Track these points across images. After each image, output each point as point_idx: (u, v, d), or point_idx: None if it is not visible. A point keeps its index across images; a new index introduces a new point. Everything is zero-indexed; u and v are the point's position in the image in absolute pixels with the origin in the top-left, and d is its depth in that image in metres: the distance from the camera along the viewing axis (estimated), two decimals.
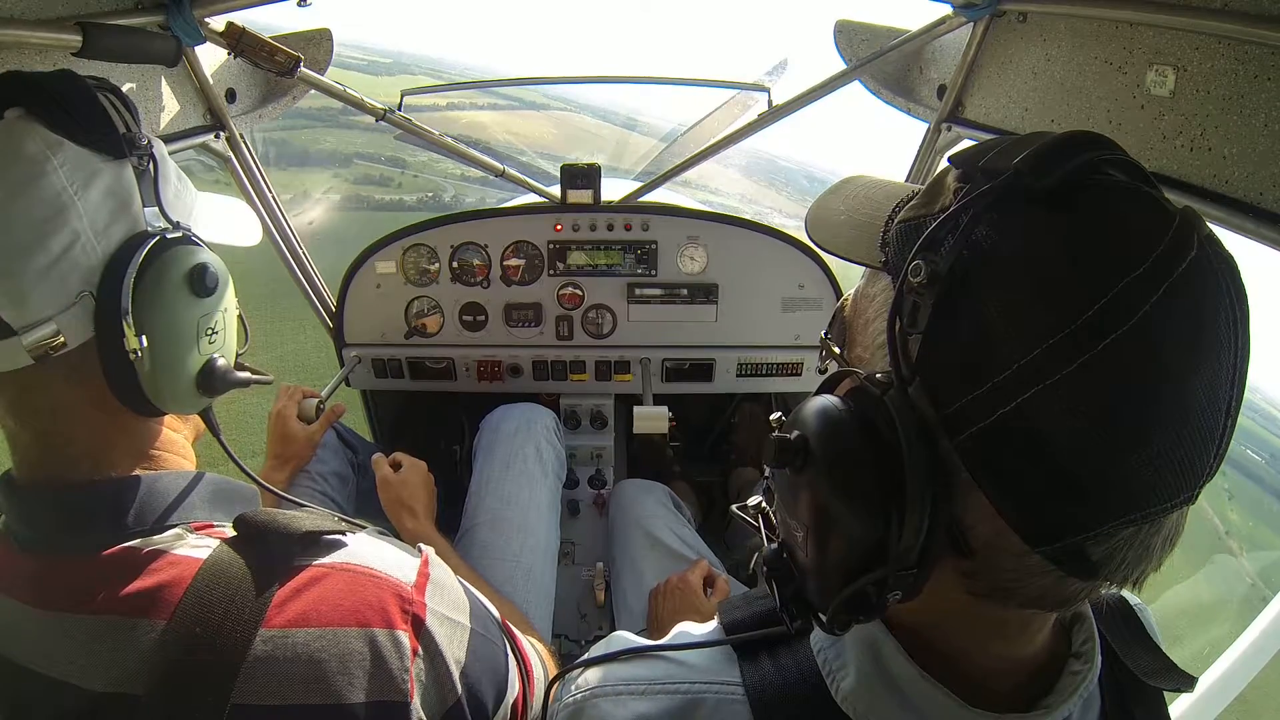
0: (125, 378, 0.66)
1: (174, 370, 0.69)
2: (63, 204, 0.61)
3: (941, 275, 0.40)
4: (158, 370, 0.67)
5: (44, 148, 0.61)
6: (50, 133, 0.61)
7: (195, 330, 0.71)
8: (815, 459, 0.44)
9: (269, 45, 1.21)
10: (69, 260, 0.61)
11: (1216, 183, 0.92)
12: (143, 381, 0.66)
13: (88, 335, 0.64)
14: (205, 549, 0.65)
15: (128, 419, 0.69)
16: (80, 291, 0.62)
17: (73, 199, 0.62)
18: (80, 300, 0.62)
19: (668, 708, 0.59)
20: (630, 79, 2.25)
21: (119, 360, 0.65)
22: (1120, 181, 0.40)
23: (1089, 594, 0.44)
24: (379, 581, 0.67)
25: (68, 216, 0.61)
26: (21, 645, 0.63)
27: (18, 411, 0.66)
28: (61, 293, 0.61)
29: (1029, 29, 1.23)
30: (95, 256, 0.63)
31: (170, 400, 0.69)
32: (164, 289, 0.66)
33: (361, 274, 1.87)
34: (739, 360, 1.97)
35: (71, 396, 0.65)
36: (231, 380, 0.76)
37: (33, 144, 0.60)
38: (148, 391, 0.67)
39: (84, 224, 0.62)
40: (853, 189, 0.58)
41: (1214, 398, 0.37)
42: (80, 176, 0.62)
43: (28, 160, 0.60)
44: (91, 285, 0.63)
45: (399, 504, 1.39)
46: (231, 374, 0.76)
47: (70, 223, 0.61)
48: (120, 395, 0.67)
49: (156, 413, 0.70)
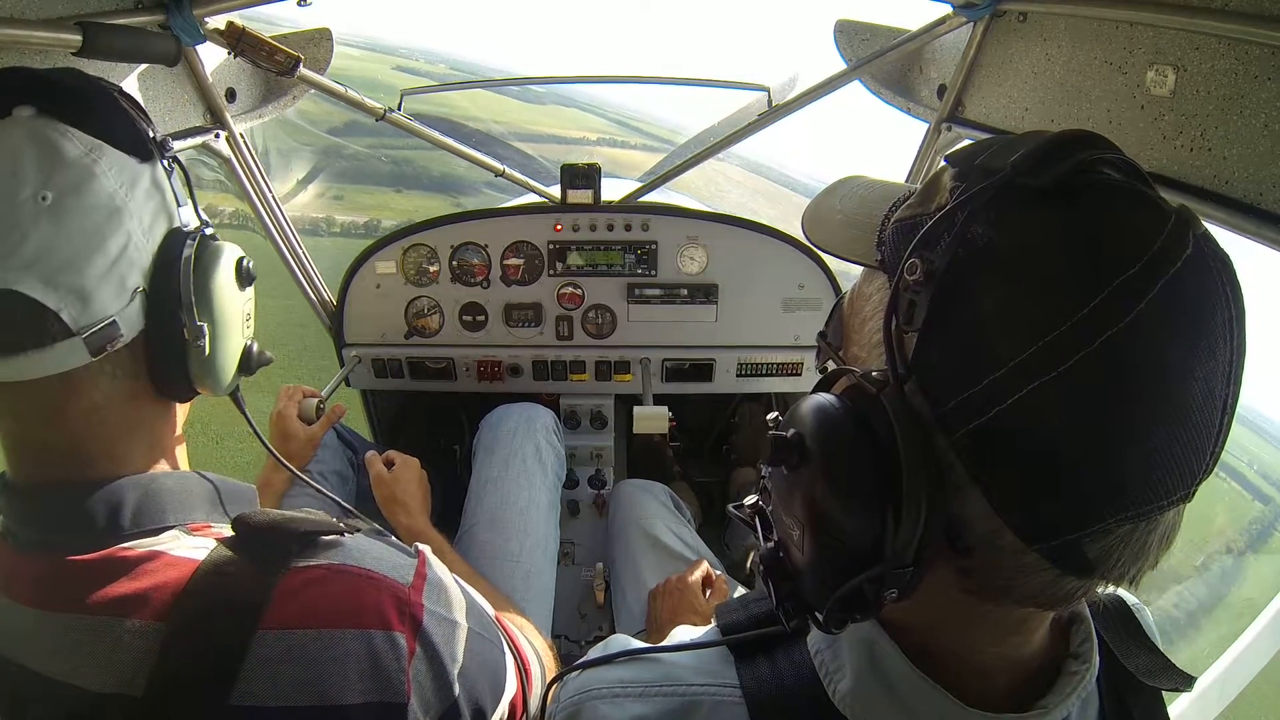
0: (172, 365, 0.69)
1: (226, 354, 0.75)
2: (116, 206, 0.63)
3: (937, 273, 0.40)
4: (214, 355, 0.72)
5: (86, 150, 0.61)
6: (86, 135, 0.62)
7: (241, 318, 0.77)
8: (811, 457, 0.44)
9: (269, 45, 1.21)
10: (126, 260, 0.64)
11: (1216, 183, 0.92)
12: (192, 367, 0.70)
13: (138, 329, 0.66)
14: (202, 550, 0.66)
15: (151, 412, 0.71)
16: (136, 288, 0.65)
17: (125, 200, 0.64)
18: (135, 296, 0.65)
19: (665, 709, 0.59)
20: (630, 79, 2.26)
21: (170, 349, 0.68)
22: (1116, 180, 0.40)
23: (1086, 592, 0.44)
24: (376, 583, 0.67)
25: (122, 218, 0.63)
26: (22, 646, 0.63)
27: (55, 414, 0.64)
28: (121, 291, 0.63)
29: (1029, 29, 1.23)
30: (146, 254, 0.66)
31: (216, 382, 0.74)
32: (219, 281, 0.71)
33: (361, 274, 1.87)
34: (739, 360, 1.97)
35: (112, 391, 0.66)
36: (261, 360, 0.83)
37: (72, 146, 0.61)
38: (195, 376, 0.71)
39: (135, 224, 0.64)
40: (850, 188, 0.58)
41: (1210, 395, 0.38)
42: (127, 178, 0.64)
43: (74, 163, 0.61)
44: (144, 281, 0.66)
45: (393, 501, 1.39)
46: (262, 355, 0.83)
47: (124, 223, 0.63)
48: (161, 382, 0.70)
49: (190, 397, 0.75)
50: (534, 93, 19.85)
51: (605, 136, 22.21)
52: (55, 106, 0.62)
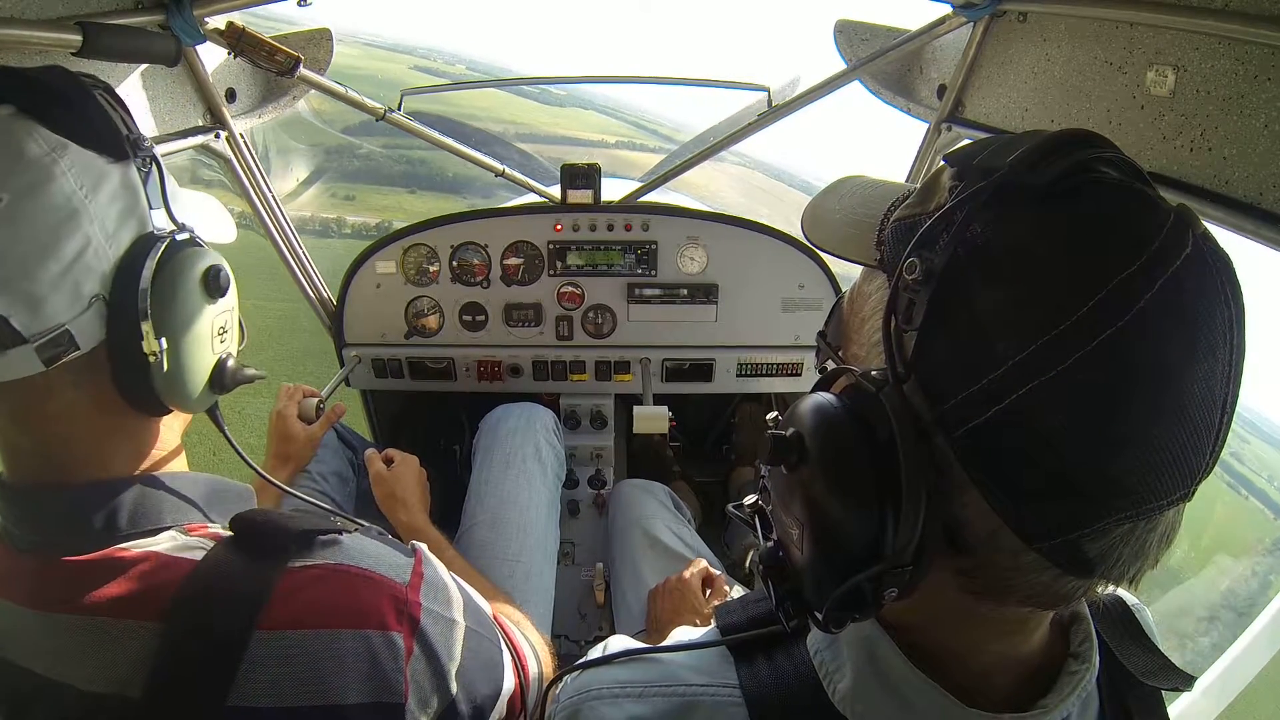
0: (136, 379, 0.66)
1: (190, 371, 0.69)
2: (74, 208, 0.60)
3: (936, 273, 0.40)
4: (174, 371, 0.67)
5: (48, 149, 0.59)
6: (51, 133, 0.60)
7: (210, 331, 0.71)
8: (810, 456, 0.44)
9: (269, 45, 1.21)
10: (82, 265, 0.61)
11: (1216, 183, 0.92)
12: (156, 382, 0.66)
13: (98, 339, 0.63)
14: (199, 550, 0.65)
15: (128, 420, 0.69)
16: (93, 296, 0.62)
17: (84, 203, 0.61)
18: (93, 305, 0.62)
19: (664, 710, 0.59)
20: (630, 79, 2.26)
21: (131, 362, 0.65)
22: (1115, 179, 0.40)
23: (1086, 592, 0.44)
24: (374, 582, 0.67)
25: (80, 221, 0.60)
26: (20, 646, 0.63)
27: (22, 418, 0.64)
28: (75, 298, 0.61)
29: (1029, 29, 1.23)
30: (107, 261, 0.63)
31: (183, 400, 0.70)
32: (181, 292, 0.67)
33: (361, 274, 1.87)
34: (739, 360, 1.97)
35: (76, 400, 0.64)
36: (240, 378, 0.77)
37: (35, 145, 0.59)
38: (160, 392, 0.67)
39: (95, 228, 0.61)
40: (849, 188, 0.58)
41: (1209, 394, 0.37)
42: (89, 179, 0.61)
43: (33, 163, 0.58)
44: (104, 289, 0.63)
45: (392, 498, 1.39)
46: (240, 372, 0.77)
47: (82, 227, 0.60)
48: (129, 396, 0.66)
49: (163, 412, 0.70)
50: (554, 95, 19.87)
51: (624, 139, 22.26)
52: (32, 105, 0.60)
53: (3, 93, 0.60)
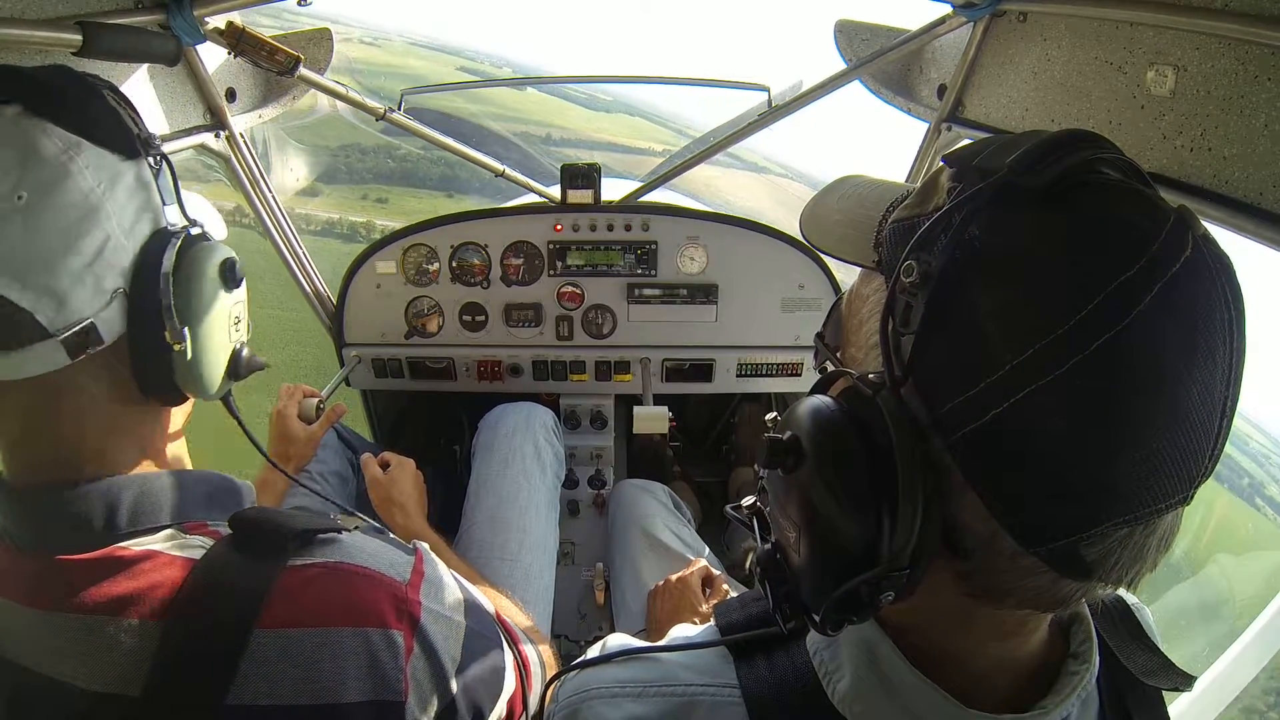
0: (158, 369, 0.68)
1: (210, 359, 0.72)
2: (93, 205, 0.61)
3: (934, 275, 0.40)
4: (196, 360, 0.70)
5: (64, 148, 0.60)
6: (66, 132, 0.61)
7: (228, 320, 0.74)
8: (807, 459, 0.44)
9: (269, 45, 1.22)
10: (103, 261, 0.62)
11: (1216, 183, 0.92)
12: (177, 371, 0.69)
13: (119, 332, 0.65)
14: (199, 549, 0.65)
15: (139, 413, 0.70)
16: (115, 289, 0.64)
17: (102, 199, 0.62)
18: (115, 298, 0.64)
19: (664, 710, 0.59)
20: (630, 78, 2.26)
21: (153, 352, 0.67)
22: (1115, 180, 0.39)
23: (1084, 595, 0.44)
24: (374, 581, 0.67)
25: (99, 217, 0.62)
26: (20, 645, 0.63)
27: (33, 415, 0.65)
28: (98, 292, 0.62)
29: (1029, 29, 1.23)
30: (126, 255, 0.65)
31: (202, 388, 0.72)
32: (202, 283, 0.69)
33: (361, 274, 1.87)
34: (739, 360, 1.97)
35: (90, 394, 0.65)
36: (253, 365, 0.80)
37: (50, 143, 0.59)
38: (181, 381, 0.70)
39: (114, 223, 0.63)
40: (847, 188, 0.57)
41: (1209, 398, 0.37)
42: (105, 176, 0.63)
43: (49, 160, 0.59)
44: (125, 283, 0.65)
45: (389, 502, 1.39)
46: (253, 360, 0.80)
47: (102, 223, 0.62)
48: (147, 386, 0.69)
49: (179, 401, 0.73)
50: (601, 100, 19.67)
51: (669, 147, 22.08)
52: (39, 104, 0.60)
53: (9, 92, 0.60)
